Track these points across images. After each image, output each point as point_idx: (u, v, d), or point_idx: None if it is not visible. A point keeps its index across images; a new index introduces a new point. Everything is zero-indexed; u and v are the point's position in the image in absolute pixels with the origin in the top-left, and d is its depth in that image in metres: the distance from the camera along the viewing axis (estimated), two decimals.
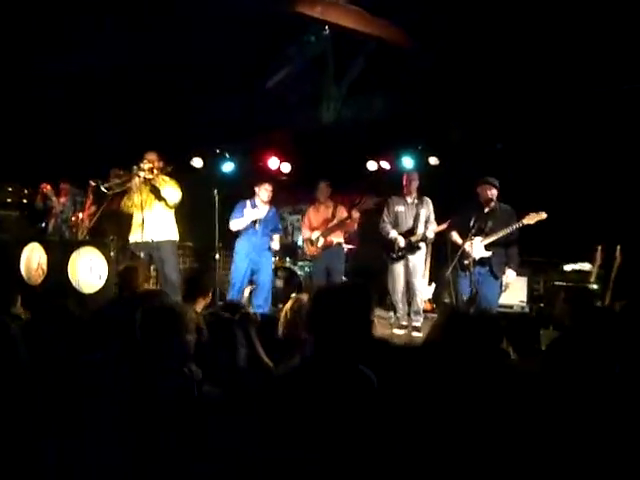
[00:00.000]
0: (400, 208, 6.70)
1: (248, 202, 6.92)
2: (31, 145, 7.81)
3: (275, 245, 7.10)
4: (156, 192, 6.24)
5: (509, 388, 2.44)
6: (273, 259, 7.53)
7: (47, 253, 6.33)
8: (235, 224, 6.91)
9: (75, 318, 3.12)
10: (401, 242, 6.57)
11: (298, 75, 6.90)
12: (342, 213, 7.21)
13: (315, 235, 7.28)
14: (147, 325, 2.55)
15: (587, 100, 6.79)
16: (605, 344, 2.82)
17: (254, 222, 6.87)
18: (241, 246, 6.94)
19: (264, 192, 6.90)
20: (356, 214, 7.12)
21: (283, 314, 3.49)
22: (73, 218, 7.38)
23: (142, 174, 6.13)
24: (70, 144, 7.94)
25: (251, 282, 7.07)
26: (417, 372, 2.45)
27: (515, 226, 5.61)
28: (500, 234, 5.65)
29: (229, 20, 6.42)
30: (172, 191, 6.34)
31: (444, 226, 6.43)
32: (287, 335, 3.42)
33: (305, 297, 3.59)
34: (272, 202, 7.11)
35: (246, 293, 7.39)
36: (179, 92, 7.66)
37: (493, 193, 5.76)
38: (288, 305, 3.51)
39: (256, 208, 6.90)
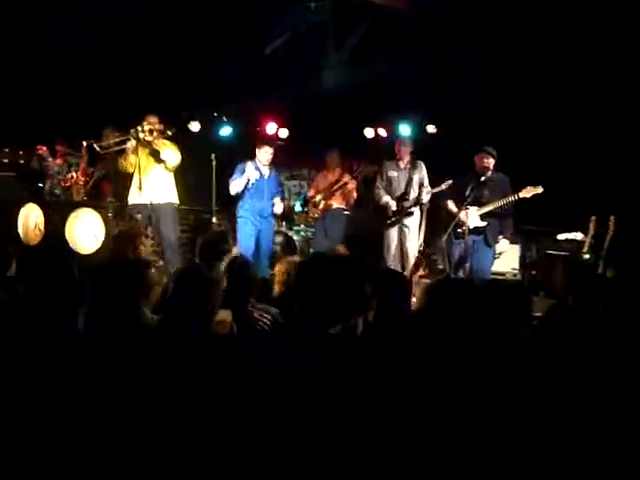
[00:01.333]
0: (393, 173, 6.77)
1: (249, 162, 6.71)
2: (26, 107, 7.76)
3: (278, 209, 6.87)
4: (156, 154, 6.22)
5: (505, 354, 2.53)
6: (275, 225, 7.43)
7: (45, 214, 6.36)
8: (234, 186, 6.70)
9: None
10: (393, 206, 6.65)
11: (298, 41, 6.88)
12: (345, 178, 7.31)
13: (318, 197, 7.41)
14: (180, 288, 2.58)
15: (582, 72, 6.80)
16: (602, 313, 2.91)
17: (247, 182, 6.66)
18: (245, 211, 6.75)
19: (264, 154, 6.71)
20: (353, 183, 7.22)
21: (278, 275, 3.68)
22: (67, 178, 7.37)
23: (141, 135, 6.11)
24: (65, 106, 7.89)
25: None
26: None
27: (511, 198, 5.69)
28: (496, 205, 5.73)
29: None
30: (172, 154, 6.31)
31: (443, 187, 6.43)
32: (283, 294, 3.60)
33: (297, 259, 3.77)
34: (272, 165, 6.94)
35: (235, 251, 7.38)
36: (176, 54, 7.60)
37: (489, 162, 5.81)
38: (283, 267, 3.68)
39: (257, 170, 6.72)
